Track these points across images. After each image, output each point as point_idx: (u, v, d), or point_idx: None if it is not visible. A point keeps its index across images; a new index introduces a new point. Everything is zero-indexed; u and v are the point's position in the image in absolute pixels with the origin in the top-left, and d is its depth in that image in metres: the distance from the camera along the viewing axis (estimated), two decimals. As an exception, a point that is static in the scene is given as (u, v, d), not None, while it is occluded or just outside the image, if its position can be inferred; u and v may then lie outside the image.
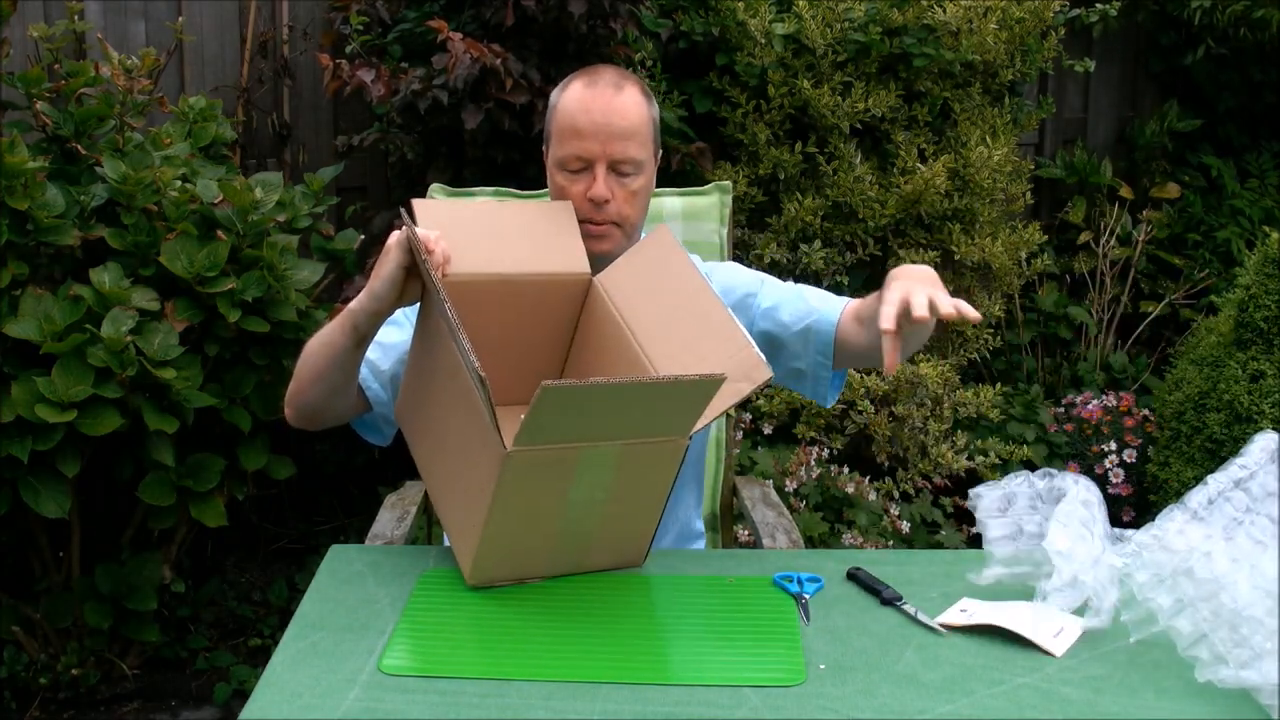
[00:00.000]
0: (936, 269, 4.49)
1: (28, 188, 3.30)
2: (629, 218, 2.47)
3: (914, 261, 4.41)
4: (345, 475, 4.62)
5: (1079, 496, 2.10)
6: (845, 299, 2.52)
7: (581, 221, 2.43)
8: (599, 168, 2.41)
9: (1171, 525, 2.01)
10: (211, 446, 3.65)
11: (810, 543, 3.95)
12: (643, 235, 2.59)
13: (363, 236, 3.99)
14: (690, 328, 2.20)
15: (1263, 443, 2.01)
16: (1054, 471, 2.15)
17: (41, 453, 3.24)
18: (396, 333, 2.48)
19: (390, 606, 2.09)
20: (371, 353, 2.42)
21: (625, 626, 2.03)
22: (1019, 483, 2.15)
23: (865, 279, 4.62)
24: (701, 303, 2.21)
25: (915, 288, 2.11)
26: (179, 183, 3.55)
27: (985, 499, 2.15)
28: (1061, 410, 4.90)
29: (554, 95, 2.50)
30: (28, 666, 3.72)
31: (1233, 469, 2.02)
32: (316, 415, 2.43)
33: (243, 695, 3.75)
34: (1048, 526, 2.07)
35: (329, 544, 2.38)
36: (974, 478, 4.52)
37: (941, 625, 2.02)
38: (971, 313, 2.08)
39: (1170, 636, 1.92)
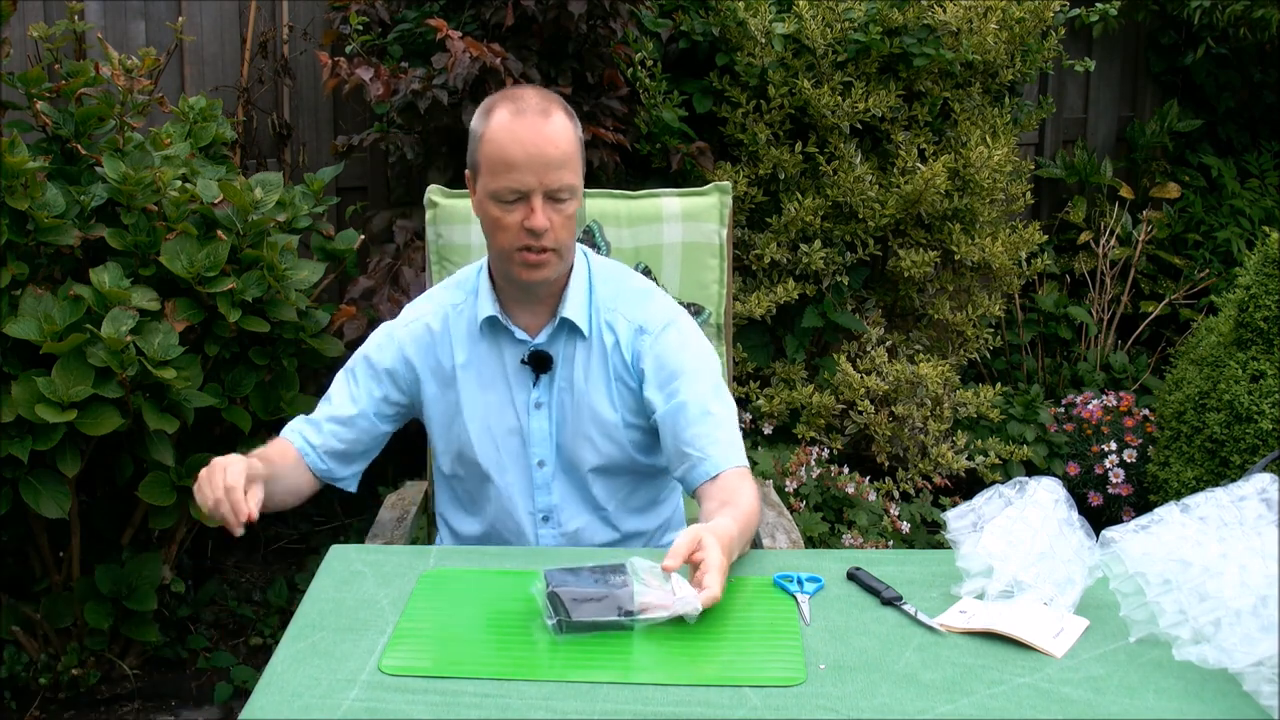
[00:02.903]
0: (936, 269, 4.52)
1: (28, 188, 3.29)
2: (564, 242, 2.47)
3: (914, 262, 4.41)
4: (345, 476, 4.62)
5: (1032, 498, 2.12)
6: (725, 460, 2.46)
7: (519, 250, 2.44)
8: (535, 198, 2.40)
9: (1165, 516, 2.01)
10: (211, 446, 3.65)
11: (810, 543, 3.96)
12: (578, 254, 2.62)
13: (363, 236, 3.99)
14: None
15: (1259, 481, 2.02)
16: (1025, 480, 2.16)
17: (41, 452, 3.24)
18: (346, 391, 2.65)
19: (390, 606, 2.10)
20: (316, 414, 2.64)
21: (625, 627, 2.03)
22: (988, 500, 2.16)
23: (865, 278, 4.62)
24: None
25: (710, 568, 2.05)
26: (179, 182, 3.55)
27: (955, 520, 2.17)
28: (1061, 410, 4.91)
29: (476, 123, 2.47)
30: (28, 666, 3.72)
31: (1232, 489, 2.03)
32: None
33: (243, 695, 3.75)
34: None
35: (329, 544, 2.39)
36: (974, 478, 4.52)
37: (941, 625, 2.02)
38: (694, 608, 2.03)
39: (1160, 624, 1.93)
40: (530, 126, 2.39)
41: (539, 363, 2.57)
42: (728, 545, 2.10)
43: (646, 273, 3.05)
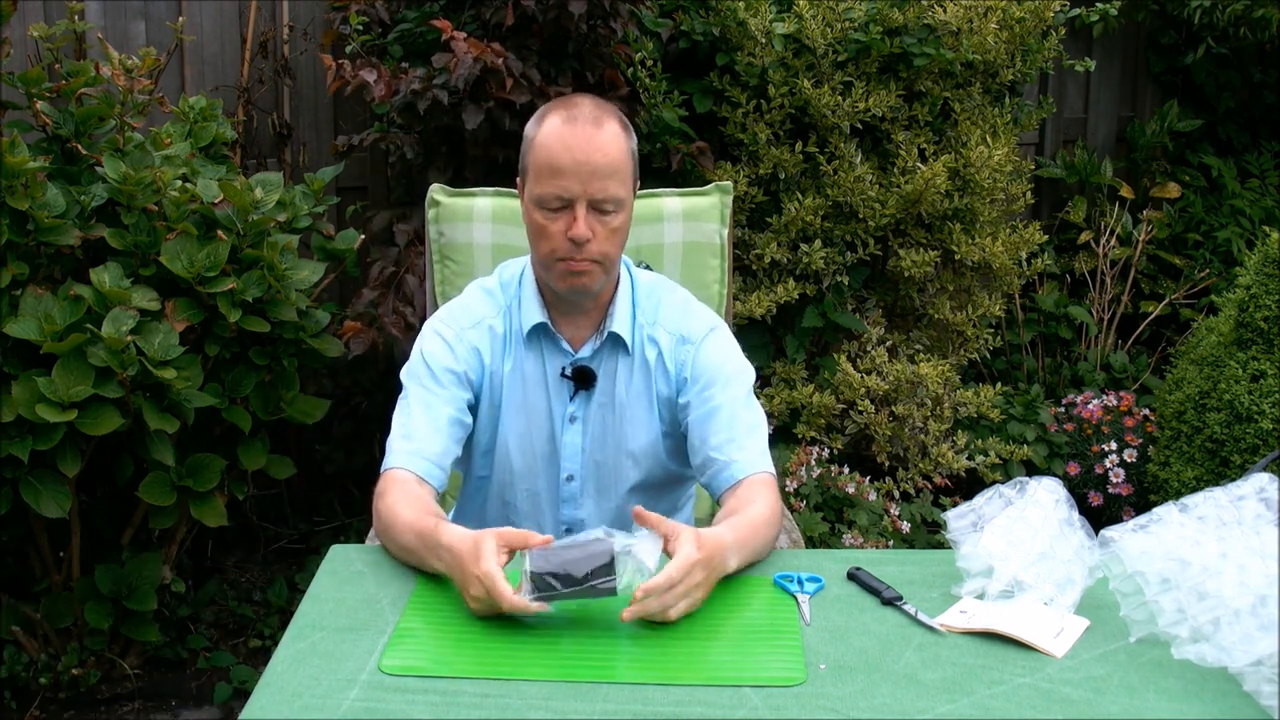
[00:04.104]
0: (937, 269, 4.52)
1: (28, 188, 3.29)
2: (609, 255, 2.45)
3: (914, 262, 4.41)
4: (345, 475, 4.62)
5: (1033, 498, 2.12)
6: (750, 466, 2.46)
7: (560, 260, 2.43)
8: (579, 207, 2.38)
9: (1164, 516, 2.01)
10: (211, 446, 3.65)
11: (810, 542, 3.95)
12: (622, 268, 2.60)
13: (363, 236, 3.98)
14: None
15: (1258, 481, 2.02)
16: (1026, 479, 2.16)
17: (42, 452, 3.24)
18: (439, 404, 2.51)
19: (390, 607, 2.10)
20: (423, 442, 2.46)
21: (625, 627, 2.03)
22: (988, 500, 2.16)
23: (865, 278, 4.62)
24: None
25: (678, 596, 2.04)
26: (179, 182, 3.54)
27: (955, 520, 2.17)
28: (1062, 410, 4.90)
29: (530, 128, 2.47)
30: (28, 666, 3.72)
31: (1231, 488, 2.03)
32: None
33: (243, 695, 3.75)
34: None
35: (329, 544, 2.39)
36: (974, 477, 4.52)
37: (942, 625, 2.02)
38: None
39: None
40: (580, 134, 2.38)
41: (581, 377, 2.57)
42: (711, 545, 2.10)
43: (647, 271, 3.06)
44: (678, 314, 2.60)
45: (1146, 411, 4.78)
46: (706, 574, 2.06)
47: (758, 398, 2.59)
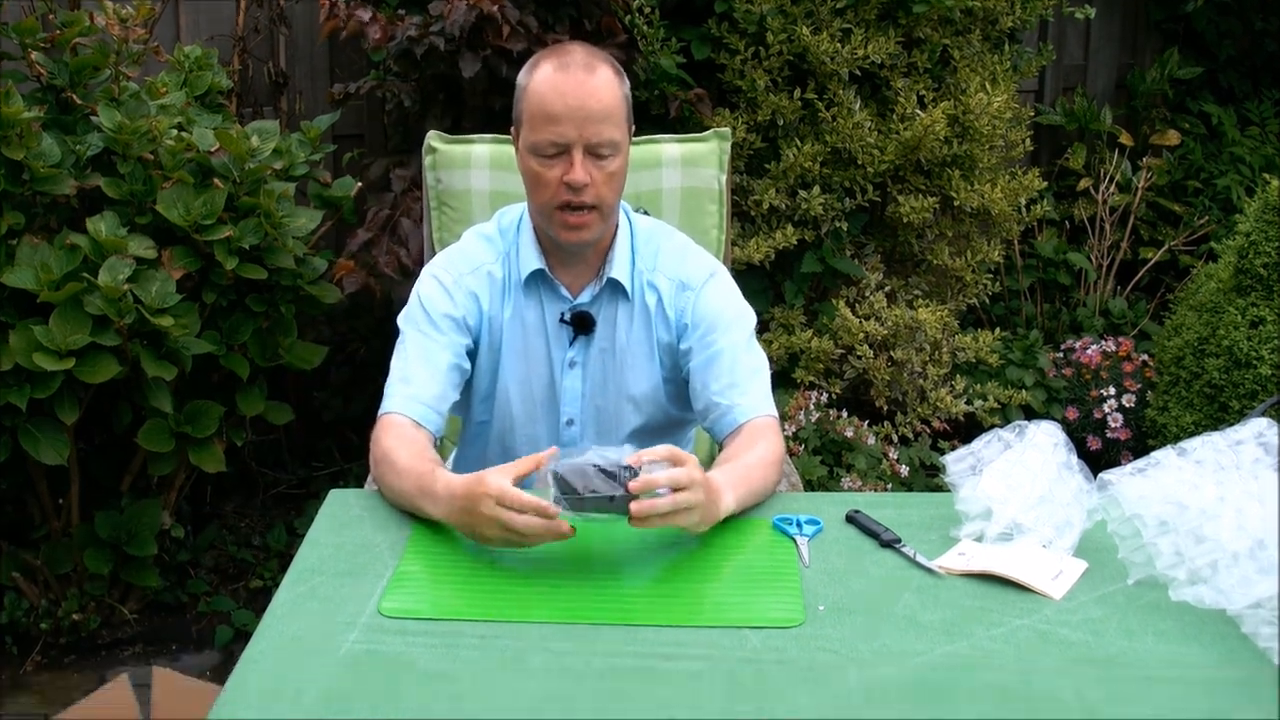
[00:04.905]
0: (935, 215, 4.51)
1: (23, 137, 3.28)
2: (607, 200, 2.44)
3: (913, 208, 4.40)
4: (343, 421, 4.62)
5: (1031, 441, 2.11)
6: (752, 409, 2.46)
7: (558, 209, 2.42)
8: (575, 152, 2.37)
9: (1163, 460, 2.02)
10: (210, 393, 3.65)
11: (809, 486, 3.96)
12: (620, 214, 2.59)
13: (360, 184, 3.97)
14: None
15: (1256, 426, 2.02)
16: (1025, 423, 2.16)
17: (40, 400, 3.23)
18: (437, 349, 2.50)
19: (389, 550, 2.10)
20: (421, 386, 2.44)
21: (625, 570, 2.03)
22: (986, 444, 2.16)
23: (864, 224, 4.60)
24: None
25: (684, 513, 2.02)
26: (175, 131, 3.53)
27: (954, 463, 2.16)
28: (1060, 355, 4.90)
29: (522, 77, 2.45)
30: (28, 612, 3.72)
31: (1229, 433, 2.03)
32: None
33: (243, 638, 3.76)
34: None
35: (328, 489, 2.38)
36: (973, 422, 4.52)
37: (940, 567, 2.03)
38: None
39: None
40: (574, 80, 2.36)
41: (580, 323, 2.56)
42: (713, 484, 2.10)
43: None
44: (677, 260, 2.59)
45: (1145, 357, 4.78)
46: (707, 497, 2.05)
47: (758, 341, 2.58)
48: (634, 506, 1.96)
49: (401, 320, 2.54)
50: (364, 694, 1.70)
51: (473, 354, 2.58)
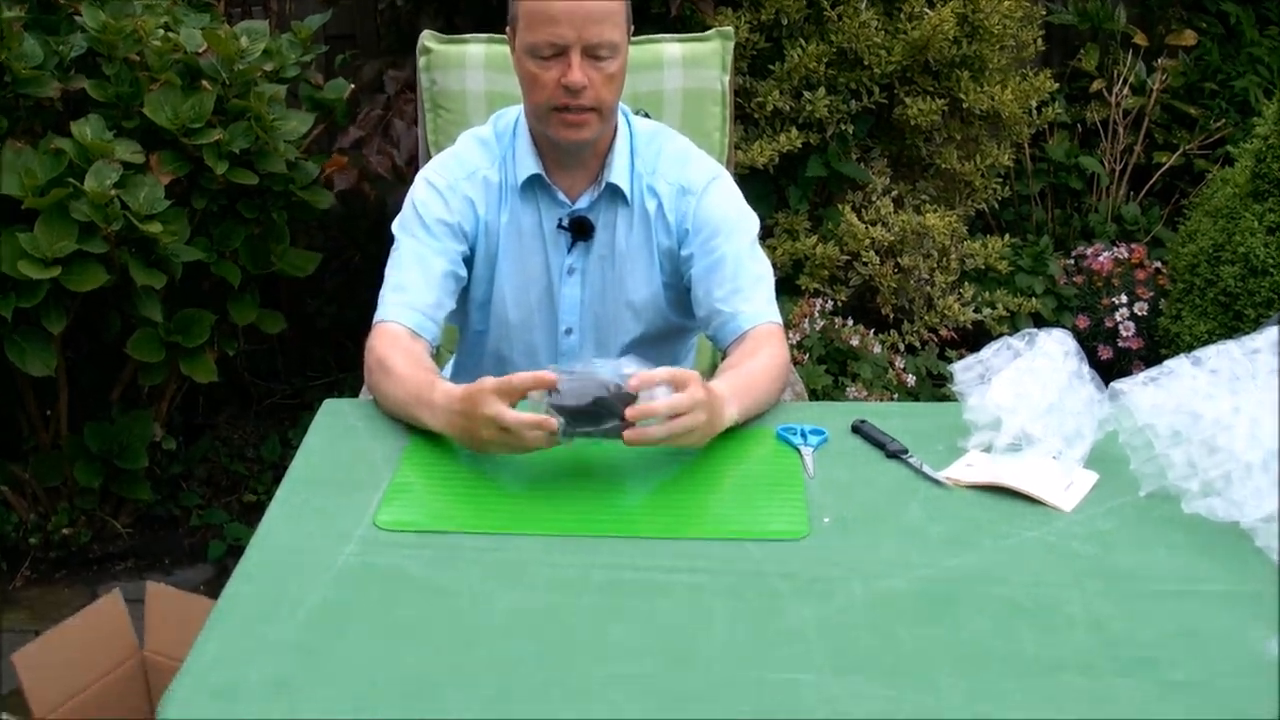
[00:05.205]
0: (944, 117, 4.48)
1: (4, 38, 3.25)
2: (606, 102, 2.41)
3: (920, 110, 4.37)
4: (338, 329, 4.62)
5: (1041, 349, 2.10)
6: (756, 316, 2.46)
7: (556, 110, 2.39)
8: (574, 54, 2.34)
9: (1176, 368, 2.01)
10: (201, 302, 3.64)
11: (814, 395, 3.96)
12: (619, 117, 2.56)
13: (353, 86, 3.94)
14: None
15: (1273, 334, 2.01)
16: (1035, 331, 2.14)
17: (26, 310, 3.22)
18: (432, 255, 2.49)
19: (384, 462, 2.10)
20: (416, 294, 2.43)
21: (625, 481, 2.04)
22: (995, 352, 2.15)
23: (870, 127, 4.58)
24: None
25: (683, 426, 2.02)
26: (161, 31, 3.49)
27: (962, 372, 2.16)
28: (1071, 262, 4.89)
29: None
30: (17, 526, 3.74)
31: (1245, 341, 2.02)
32: None
33: (237, 551, 3.76)
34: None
35: (323, 399, 2.38)
36: (981, 330, 4.51)
37: (948, 479, 2.03)
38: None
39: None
40: None
41: (578, 229, 2.55)
42: (715, 395, 2.10)
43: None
44: (678, 163, 2.58)
45: (1158, 264, 4.76)
46: (708, 416, 2.06)
47: (762, 247, 2.57)
48: (628, 435, 1.97)
49: (396, 226, 2.53)
50: (360, 608, 1.71)
51: (469, 261, 2.57)
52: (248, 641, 1.65)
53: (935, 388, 4.31)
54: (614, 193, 2.54)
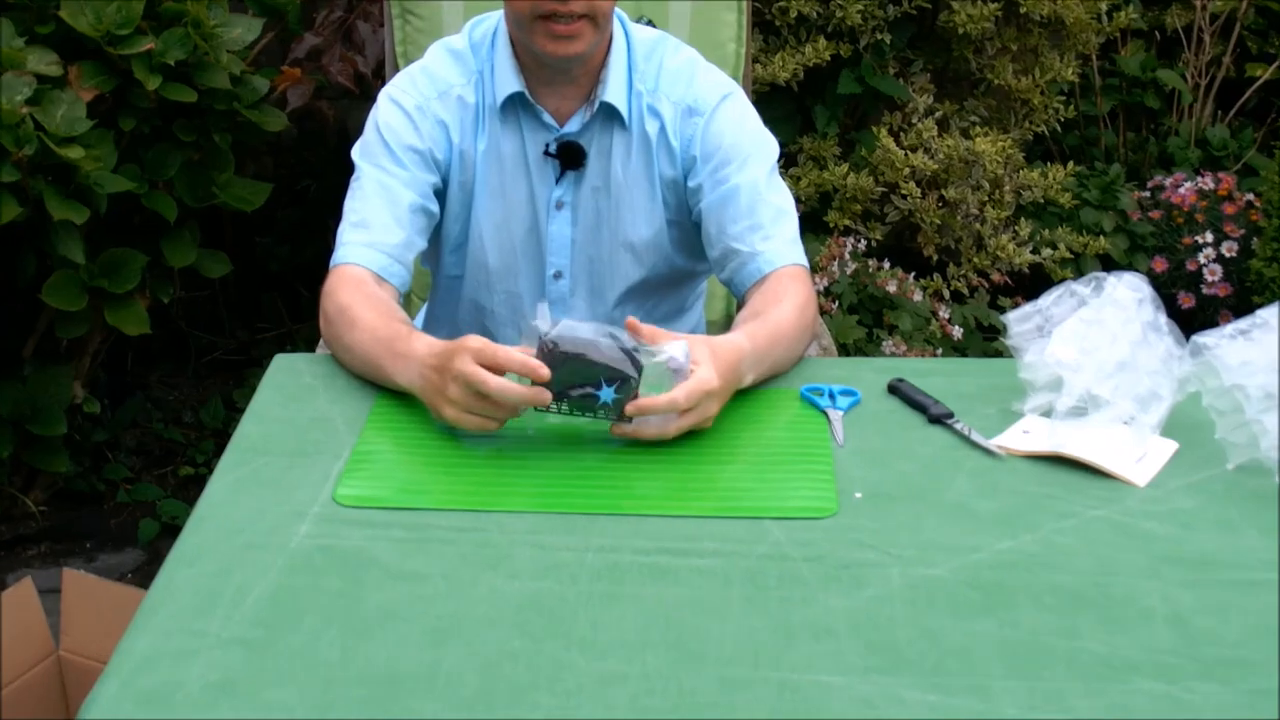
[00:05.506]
0: (997, 24, 4.47)
1: (-105, -71, 3.25)
2: (600, 8, 2.40)
3: (970, 16, 4.36)
4: (292, 273, 4.62)
5: (1111, 296, 2.10)
6: (777, 257, 2.45)
7: (542, 18, 2.38)
8: None
9: (1270, 319, 2.01)
10: (130, 240, 3.63)
11: (844, 350, 3.97)
12: (616, 25, 2.55)
13: (305, -14, 3.94)
14: None
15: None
16: (1103, 275, 2.13)
17: (-75, 249, 3.23)
18: (400, 187, 2.48)
19: (345, 427, 2.11)
20: (381, 233, 2.43)
21: (624, 449, 2.04)
22: (1056, 300, 2.14)
23: (911, 36, 4.57)
24: None
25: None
26: (81, -79, 3.49)
27: (1017, 323, 2.15)
28: (1147, 194, 4.88)
29: None
30: (-85, 501, 3.75)
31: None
32: None
33: (172, 532, 3.78)
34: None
35: (274, 354, 2.39)
36: (1040, 274, 4.52)
37: (1000, 448, 2.03)
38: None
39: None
40: None
41: (568, 156, 2.55)
42: (727, 361, 2.10)
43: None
44: (683, 79, 2.57)
45: (1250, 196, 4.76)
46: (721, 402, 2.07)
47: (783, 178, 2.57)
48: (617, 429, 2.00)
49: (357, 154, 2.53)
50: (317, 598, 1.71)
51: (441, 194, 2.57)
52: (184, 638, 1.64)
53: (986, 341, 4.32)
54: (609, 114, 2.53)
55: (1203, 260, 4.60)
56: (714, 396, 2.03)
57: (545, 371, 1.95)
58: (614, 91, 2.51)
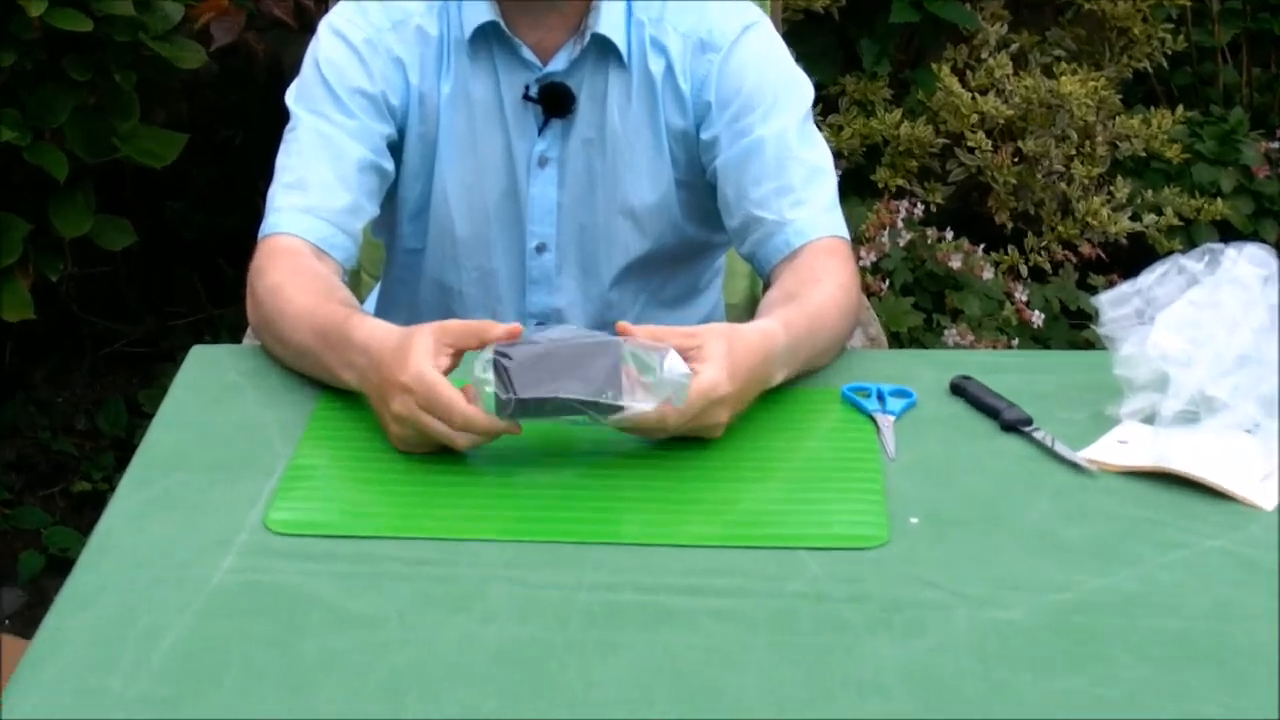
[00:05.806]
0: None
1: None
2: None
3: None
4: (212, 244, 4.62)
5: (1230, 274, 2.09)
6: (811, 228, 2.45)
7: None
8: None
9: None
10: (10, 203, 3.64)
11: (896, 341, 3.98)
12: None
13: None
14: None
15: None
16: (1220, 247, 2.13)
17: None
18: (345, 139, 2.47)
19: (280, 435, 2.11)
20: (322, 196, 2.42)
21: (623, 464, 2.04)
22: (1161, 278, 2.14)
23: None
24: None
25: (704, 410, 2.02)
26: None
27: (1113, 307, 2.15)
28: (1276, 146, 4.89)
29: None
30: None
31: None
32: None
33: (62, 567, 3.78)
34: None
35: (190, 346, 2.39)
36: (1141, 245, 4.52)
37: (1090, 461, 2.04)
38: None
39: None
40: None
41: (552, 101, 2.54)
42: (753, 352, 2.09)
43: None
44: (695, 7, 2.55)
45: (1404, 149, 4.77)
46: (734, 409, 2.06)
47: (819, 129, 2.57)
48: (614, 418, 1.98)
49: (291, 98, 2.53)
50: (244, 646, 1.71)
51: (397, 148, 2.57)
52: (78, 698, 1.64)
53: (1073, 329, 4.32)
54: (603, 49, 2.52)
55: (1343, 228, 4.61)
56: (722, 404, 2.02)
57: (501, 427, 1.97)
58: (609, 21, 2.50)
